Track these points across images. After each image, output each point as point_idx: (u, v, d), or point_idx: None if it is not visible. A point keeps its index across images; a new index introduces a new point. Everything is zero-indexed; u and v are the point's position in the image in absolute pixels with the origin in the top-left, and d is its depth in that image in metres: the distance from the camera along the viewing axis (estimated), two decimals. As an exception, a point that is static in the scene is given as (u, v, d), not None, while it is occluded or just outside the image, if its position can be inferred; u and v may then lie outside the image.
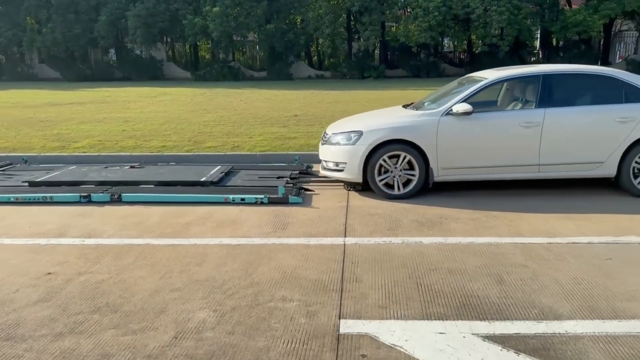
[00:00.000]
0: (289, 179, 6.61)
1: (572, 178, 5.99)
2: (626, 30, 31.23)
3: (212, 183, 6.57)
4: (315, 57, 34.38)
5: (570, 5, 30.01)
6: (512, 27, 25.47)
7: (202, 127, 10.94)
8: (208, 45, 33.31)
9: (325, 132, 6.63)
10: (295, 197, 5.91)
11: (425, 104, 6.56)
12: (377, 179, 5.92)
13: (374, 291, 3.62)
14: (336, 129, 6.43)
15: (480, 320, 3.20)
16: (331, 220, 5.21)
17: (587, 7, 26.23)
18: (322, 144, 6.47)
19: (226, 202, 5.86)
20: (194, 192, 6.15)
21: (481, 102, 6.26)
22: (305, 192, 6.23)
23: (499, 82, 6.14)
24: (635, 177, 5.76)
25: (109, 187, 6.35)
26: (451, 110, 5.80)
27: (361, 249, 4.43)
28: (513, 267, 3.97)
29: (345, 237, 4.73)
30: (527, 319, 3.19)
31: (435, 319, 3.23)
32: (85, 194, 5.97)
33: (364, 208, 5.62)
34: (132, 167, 7.51)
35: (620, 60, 29.09)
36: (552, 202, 5.70)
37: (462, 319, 3.21)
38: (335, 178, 6.32)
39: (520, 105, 6.19)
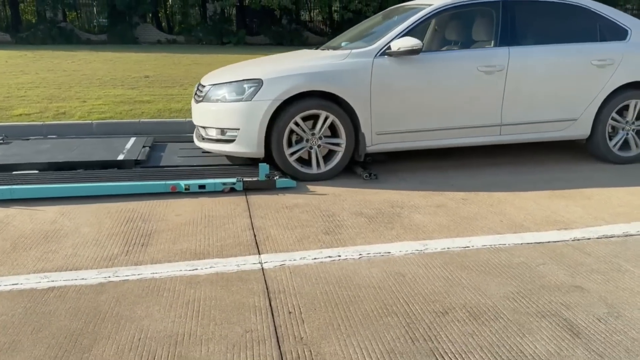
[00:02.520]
0: None
1: (538, 141, 4.59)
2: None
3: (136, 163, 4.26)
4: (165, 19, 30.63)
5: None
6: (376, -10, 24.67)
7: (12, 90, 7.85)
8: (32, 6, 27.74)
9: (200, 83, 4.43)
10: (285, 179, 3.84)
11: (343, 43, 4.67)
12: (287, 152, 3.94)
13: (360, 388, 1.69)
14: (219, 78, 4.27)
15: None
16: (226, 222, 3.14)
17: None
18: (197, 101, 4.28)
19: (174, 193, 3.62)
20: (111, 179, 3.78)
21: (427, 44, 4.60)
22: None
23: (448, 8, 4.39)
24: (610, 138, 4.53)
25: None
26: (389, 47, 3.99)
27: (296, 276, 2.46)
28: (565, 292, 2.32)
29: (259, 253, 2.71)
30: None
31: None
32: None
33: (274, 197, 3.62)
34: None
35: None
36: (519, 175, 4.24)
37: None
38: (221, 152, 4.20)
39: (456, 47, 4.61)
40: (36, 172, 4.02)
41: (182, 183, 3.71)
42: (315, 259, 2.65)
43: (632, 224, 3.13)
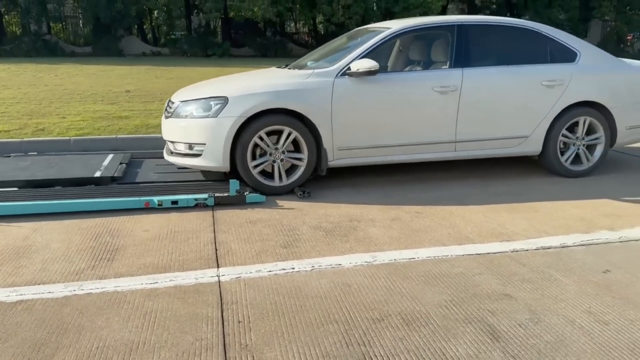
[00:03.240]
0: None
1: (491, 157, 4.84)
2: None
3: (113, 179, 4.43)
4: (150, 32, 30.80)
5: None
6: (358, 5, 25.07)
7: (-7, 106, 7.98)
8: (17, 18, 27.71)
9: (170, 100, 4.63)
10: (255, 194, 4.03)
11: (309, 63, 4.90)
12: (251, 165, 4.14)
13: (293, 389, 1.89)
14: (187, 95, 4.47)
15: None
16: (190, 237, 3.32)
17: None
18: (167, 117, 4.48)
19: (148, 208, 3.79)
20: (87, 196, 3.96)
21: (386, 65, 4.84)
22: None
23: (406, 32, 4.65)
24: (562, 153, 4.79)
25: None
26: (349, 68, 4.23)
27: (249, 288, 2.65)
28: (494, 300, 2.53)
29: (218, 267, 2.89)
30: (585, 420, 1.73)
31: None
32: None
33: (240, 212, 3.81)
34: None
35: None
36: (473, 188, 4.47)
37: None
38: (188, 166, 4.40)
39: (423, 66, 4.86)
40: (16, 189, 4.18)
41: (155, 199, 3.88)
42: (270, 271, 2.84)
43: (571, 236, 3.37)
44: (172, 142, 4.41)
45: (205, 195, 3.95)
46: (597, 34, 31.97)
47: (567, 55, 4.79)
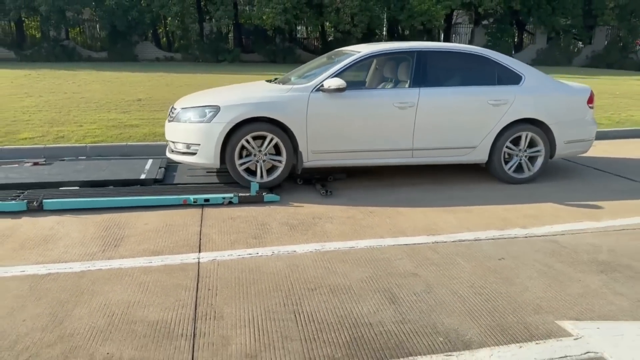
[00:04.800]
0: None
1: (445, 164, 5.63)
2: (460, 23, 33.77)
3: (155, 181, 5.26)
4: (164, 37, 31.87)
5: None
6: (363, 14, 25.83)
7: (19, 114, 8.92)
8: (37, 22, 28.91)
9: (172, 107, 5.50)
10: (271, 194, 4.87)
11: (292, 78, 5.74)
12: (237, 162, 4.99)
13: (239, 332, 2.70)
14: (187, 103, 5.35)
15: (380, 362, 2.47)
16: (181, 229, 4.16)
17: (429, -3, 27.62)
18: (169, 121, 5.35)
19: (185, 205, 4.69)
20: (136, 194, 4.83)
21: (350, 81, 5.63)
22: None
23: (373, 56, 5.53)
24: (506, 162, 5.56)
25: (19, 191, 4.82)
26: (322, 85, 5.06)
27: (221, 267, 3.47)
28: (403, 277, 3.33)
29: (199, 252, 3.73)
30: (433, 352, 2.53)
31: (322, 368, 2.42)
32: None
33: (224, 210, 4.64)
34: (35, 163, 5.81)
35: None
36: (428, 193, 5.26)
37: (357, 364, 2.45)
38: (186, 163, 5.26)
39: (391, 84, 5.68)
40: (77, 188, 5.05)
41: (192, 197, 4.75)
42: (239, 255, 3.67)
43: (486, 232, 4.15)
44: (173, 142, 5.28)
45: (231, 195, 4.81)
46: (602, 41, 32.39)
47: (512, 78, 5.56)
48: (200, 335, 2.66)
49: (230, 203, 4.78)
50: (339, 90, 5.02)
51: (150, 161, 6.11)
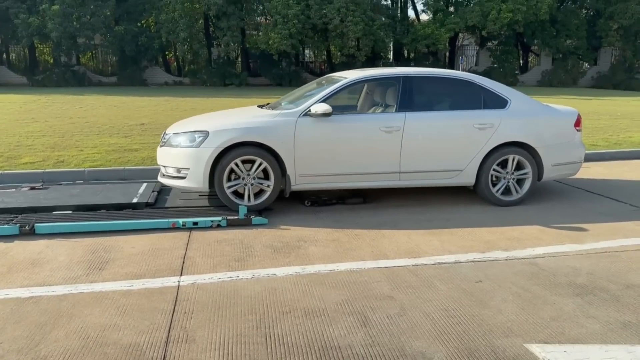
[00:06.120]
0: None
1: (433, 186, 5.68)
2: (467, 45, 34.08)
3: (147, 204, 5.38)
4: (174, 62, 32.49)
5: (418, 19, 31.93)
6: (367, 38, 26.21)
7: (23, 139, 9.14)
8: (49, 48, 29.66)
9: (164, 132, 5.62)
10: (259, 217, 4.97)
11: (283, 104, 5.87)
12: (225, 185, 5.08)
13: (208, 355, 2.75)
14: (178, 128, 5.48)
15: (342, 385, 2.50)
16: (167, 253, 4.23)
17: (434, 21, 28.00)
18: (161, 146, 5.48)
19: (174, 228, 4.78)
20: (126, 218, 4.94)
21: (342, 105, 5.76)
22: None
23: (359, 82, 5.65)
24: (494, 185, 5.60)
25: (12, 215, 4.96)
26: (309, 110, 5.17)
27: (200, 291, 3.53)
28: (378, 300, 3.37)
29: (181, 275, 3.79)
30: (398, 375, 2.56)
31: (285, 390, 2.46)
32: None
33: (211, 234, 4.72)
34: (32, 187, 6.00)
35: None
36: (413, 215, 5.31)
37: (319, 387, 2.49)
38: (176, 187, 5.36)
39: (381, 108, 5.77)
40: (70, 212, 5.16)
41: (180, 220, 4.84)
42: (219, 278, 3.73)
43: (467, 255, 4.18)
44: (164, 166, 5.39)
45: (219, 218, 4.90)
46: (607, 62, 32.46)
47: (498, 102, 5.64)
48: (170, 359, 2.71)
49: (219, 226, 4.86)
50: (325, 115, 5.12)
51: (144, 185, 6.22)
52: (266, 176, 5.17)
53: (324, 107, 5.11)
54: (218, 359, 2.71)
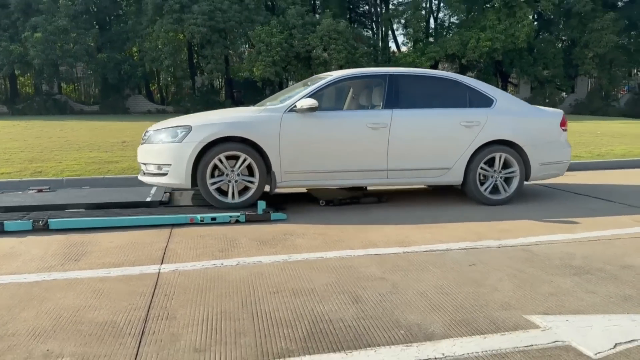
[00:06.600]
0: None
1: (421, 185, 5.60)
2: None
3: (161, 203, 5.20)
4: (157, 90, 32.47)
5: (399, 49, 32.59)
6: (350, 66, 26.52)
7: (0, 154, 8.90)
8: (30, 77, 29.45)
9: (146, 130, 5.47)
10: (278, 213, 4.83)
11: (268, 103, 5.78)
12: (209, 181, 4.92)
13: (190, 329, 2.57)
14: (159, 125, 5.34)
15: (335, 351, 2.33)
16: (147, 246, 4.04)
17: (415, 50, 28.55)
18: (142, 143, 5.33)
19: (192, 223, 4.67)
20: (143, 214, 4.78)
21: (329, 105, 5.70)
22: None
23: (345, 79, 5.58)
24: (482, 184, 5.54)
25: (23, 213, 4.80)
26: (295, 106, 5.08)
27: (181, 276, 3.35)
28: (369, 281, 3.22)
29: (162, 264, 3.60)
30: (393, 344, 2.40)
31: (274, 358, 2.28)
32: None
33: (193, 229, 4.54)
34: (40, 190, 5.79)
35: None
36: (403, 212, 5.20)
37: (310, 353, 2.31)
38: (157, 184, 5.18)
39: (368, 106, 5.71)
40: (82, 210, 4.95)
41: (199, 216, 4.70)
42: (203, 266, 3.55)
43: (459, 243, 4.06)
44: (144, 164, 5.23)
45: (238, 213, 4.75)
46: (584, 90, 33.25)
47: (484, 101, 5.63)
48: (149, 334, 2.52)
49: (238, 222, 4.72)
50: (311, 109, 5.03)
51: (155, 187, 6.05)
52: (251, 173, 5.04)
53: (310, 102, 5.03)
54: (201, 332, 2.52)
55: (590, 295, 3.01)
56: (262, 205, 4.83)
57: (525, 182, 5.73)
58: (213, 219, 4.70)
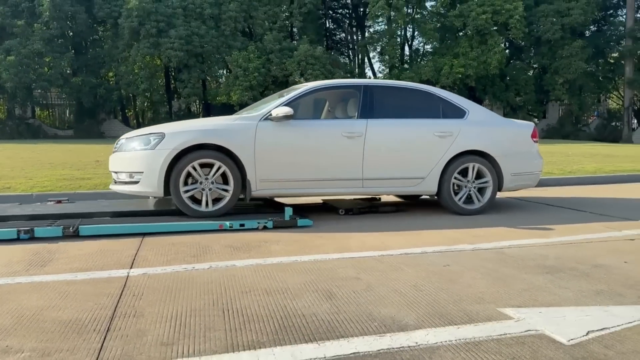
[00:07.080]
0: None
1: (396, 195, 5.61)
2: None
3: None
4: (133, 115, 32.24)
5: (374, 75, 33.12)
6: (327, 91, 26.81)
7: (-33, 172, 8.66)
8: (4, 100, 28.99)
9: (118, 139, 5.39)
10: (305, 219, 4.81)
11: (244, 112, 5.77)
12: (182, 189, 4.84)
13: (158, 326, 2.49)
14: (132, 133, 5.27)
15: (307, 342, 2.28)
16: (116, 253, 3.94)
17: (391, 76, 29.03)
18: (114, 152, 5.24)
19: (221, 229, 4.67)
20: (172, 220, 4.79)
21: (305, 115, 5.73)
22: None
23: (321, 89, 5.62)
24: (456, 193, 5.58)
25: (50, 220, 4.72)
26: (270, 114, 5.07)
27: (151, 279, 3.26)
28: (344, 280, 3.19)
29: (131, 268, 3.51)
30: (366, 334, 2.36)
31: (244, 349, 2.21)
32: (27, 229, 4.31)
33: (164, 237, 4.45)
34: (59, 201, 5.66)
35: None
36: (380, 222, 5.20)
37: (281, 344, 2.25)
38: (129, 192, 5.07)
39: (344, 116, 5.74)
40: (108, 218, 4.87)
41: (227, 222, 4.67)
42: (173, 269, 3.46)
43: (434, 247, 4.06)
44: (116, 172, 5.14)
45: (265, 220, 4.73)
46: (555, 115, 34.12)
47: (457, 112, 5.73)
48: (114, 330, 2.43)
49: (265, 228, 4.71)
50: (286, 117, 5.03)
51: (152, 198, 5.94)
52: (225, 181, 4.98)
53: (285, 110, 5.03)
54: (169, 328, 2.44)
55: (563, 290, 3.02)
56: (289, 211, 4.83)
57: (499, 193, 5.80)
58: (242, 225, 4.71)
